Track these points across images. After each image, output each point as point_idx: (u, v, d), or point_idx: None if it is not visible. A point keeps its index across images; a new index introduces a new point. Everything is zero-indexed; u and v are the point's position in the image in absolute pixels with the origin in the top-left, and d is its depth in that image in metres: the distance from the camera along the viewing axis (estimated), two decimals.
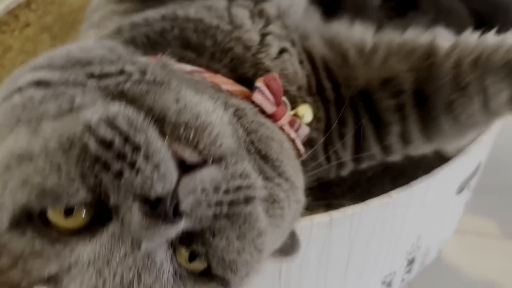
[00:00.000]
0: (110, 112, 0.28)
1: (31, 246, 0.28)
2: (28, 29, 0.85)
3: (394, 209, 0.50)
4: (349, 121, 0.47)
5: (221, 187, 0.29)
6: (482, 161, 0.62)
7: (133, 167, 0.27)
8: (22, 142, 0.29)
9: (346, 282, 0.55)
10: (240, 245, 0.31)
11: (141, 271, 0.28)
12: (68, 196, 0.27)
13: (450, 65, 0.45)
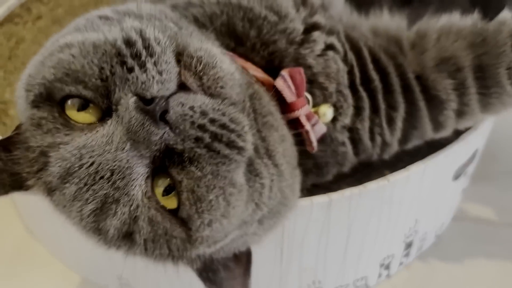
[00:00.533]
0: (143, 26, 0.35)
1: (42, 119, 0.36)
2: (40, 21, 0.87)
3: (391, 192, 0.53)
4: (399, 106, 0.49)
5: (208, 114, 0.34)
6: (479, 148, 0.63)
7: (142, 67, 0.33)
8: (68, 38, 0.37)
9: (345, 263, 0.58)
10: (212, 182, 0.34)
11: (115, 171, 0.34)
12: (85, 82, 0.34)
13: (506, 35, 0.48)
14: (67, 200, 0.36)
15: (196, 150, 0.34)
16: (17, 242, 0.70)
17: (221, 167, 0.35)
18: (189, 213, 0.35)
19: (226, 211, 0.36)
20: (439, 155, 0.54)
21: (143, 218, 0.35)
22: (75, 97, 0.35)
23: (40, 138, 0.35)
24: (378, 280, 0.64)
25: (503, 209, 0.74)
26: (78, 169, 0.34)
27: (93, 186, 0.34)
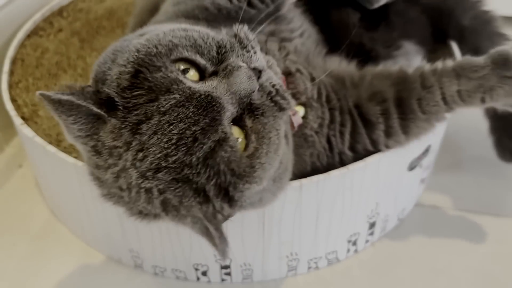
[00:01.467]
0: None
1: (161, 68, 0.47)
2: (60, 33, 0.99)
3: (351, 179, 0.65)
4: (347, 124, 0.64)
5: (276, 85, 0.50)
6: (432, 144, 0.75)
7: (255, 51, 0.50)
8: (185, 26, 0.53)
9: (317, 238, 0.70)
10: (271, 126, 0.49)
11: (217, 105, 0.46)
12: (203, 53, 0.49)
13: (417, 76, 0.63)
14: (170, 124, 0.45)
15: (266, 102, 0.49)
16: (43, 223, 0.82)
17: (277, 114, 0.49)
18: (255, 146, 0.48)
19: (277, 147, 0.49)
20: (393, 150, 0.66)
21: (230, 141, 0.46)
22: (187, 60, 0.48)
23: (159, 76, 0.46)
24: (347, 254, 0.76)
25: (460, 197, 0.86)
26: (198, 97, 0.46)
27: (207, 110, 0.46)
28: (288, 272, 0.73)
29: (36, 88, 0.85)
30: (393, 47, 0.83)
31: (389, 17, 0.82)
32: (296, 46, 0.68)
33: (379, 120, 0.62)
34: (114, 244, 0.74)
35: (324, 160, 0.64)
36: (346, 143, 0.64)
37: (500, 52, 0.62)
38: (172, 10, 0.68)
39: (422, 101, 0.62)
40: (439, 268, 0.75)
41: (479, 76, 0.61)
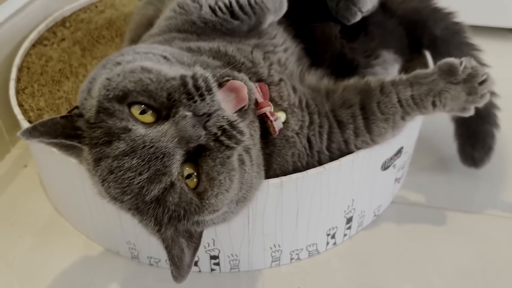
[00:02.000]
0: (205, 73, 0.55)
1: (117, 111, 0.53)
2: (63, 42, 1.05)
3: (328, 177, 0.72)
4: (325, 125, 0.71)
5: (225, 124, 0.53)
6: (405, 146, 0.82)
7: (203, 99, 0.53)
8: (146, 64, 0.56)
9: (297, 231, 0.77)
10: (220, 168, 0.54)
11: (166, 154, 0.51)
12: (154, 98, 0.53)
13: (378, 85, 0.72)
14: (120, 170, 0.52)
15: (211, 144, 0.53)
16: (47, 218, 0.89)
17: (226, 153, 0.54)
18: (205, 187, 0.54)
19: (229, 186, 0.55)
20: (365, 151, 0.73)
21: (176, 187, 0.53)
22: (142, 104, 0.53)
23: (112, 122, 0.53)
24: (326, 247, 0.83)
25: (433, 195, 0.93)
26: (141, 149, 0.51)
27: (150, 162, 0.52)
28: (272, 263, 0.80)
29: (41, 94, 0.91)
30: (372, 56, 0.90)
31: (368, 27, 0.90)
32: (280, 59, 0.75)
33: (349, 121, 0.70)
34: (113, 237, 0.81)
35: (304, 159, 0.71)
36: (324, 142, 0.71)
37: (446, 62, 0.71)
38: (164, 24, 0.75)
39: (381, 104, 0.70)
40: (410, 259, 0.82)
41: (428, 81, 0.70)
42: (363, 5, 0.81)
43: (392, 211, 0.90)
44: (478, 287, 0.77)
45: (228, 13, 0.73)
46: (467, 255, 0.82)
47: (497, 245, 0.84)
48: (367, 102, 0.70)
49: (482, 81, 0.71)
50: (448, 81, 0.70)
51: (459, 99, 0.71)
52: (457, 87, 0.70)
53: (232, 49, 0.69)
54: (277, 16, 0.77)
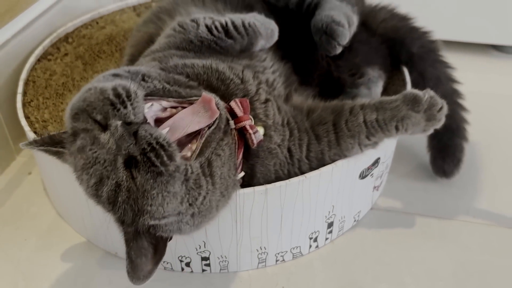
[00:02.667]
0: (128, 83, 0.62)
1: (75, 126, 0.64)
2: (66, 57, 1.12)
3: (309, 185, 0.79)
4: (304, 138, 0.78)
5: (153, 143, 0.59)
6: (381, 157, 0.89)
7: (124, 106, 0.59)
8: (92, 85, 0.65)
9: (282, 234, 0.84)
10: (153, 184, 0.59)
11: (107, 160, 0.60)
12: (95, 111, 0.61)
13: (349, 107, 0.80)
14: (78, 168, 0.63)
15: (139, 158, 0.59)
16: (50, 222, 0.95)
17: (155, 174, 0.59)
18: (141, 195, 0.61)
19: (161, 203, 0.61)
20: (343, 161, 0.80)
21: (123, 188, 0.60)
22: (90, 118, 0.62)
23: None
24: (309, 249, 0.90)
25: (410, 201, 1.00)
26: (88, 151, 0.61)
27: (95, 166, 0.61)
28: (259, 264, 0.87)
29: (45, 107, 0.98)
30: (357, 75, 0.98)
31: (352, 45, 0.97)
32: (268, 79, 0.83)
33: (324, 135, 0.78)
34: (111, 239, 0.87)
35: (286, 168, 0.78)
36: (303, 152, 0.78)
37: (412, 92, 0.79)
38: (164, 42, 0.82)
39: (348, 123, 0.78)
40: (387, 261, 0.89)
41: (392, 107, 0.78)
42: (342, 39, 0.88)
43: (371, 217, 0.97)
44: (447, 287, 0.84)
45: (223, 32, 0.81)
46: (439, 258, 0.89)
47: (467, 249, 0.91)
48: (338, 120, 0.78)
49: (439, 109, 0.79)
50: (410, 109, 0.78)
51: (419, 124, 0.79)
52: (418, 115, 0.78)
53: (223, 66, 0.77)
54: (267, 43, 0.86)
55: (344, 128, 0.78)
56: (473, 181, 1.05)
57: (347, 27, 0.89)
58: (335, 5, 0.92)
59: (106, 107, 0.60)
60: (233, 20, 0.83)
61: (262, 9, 0.99)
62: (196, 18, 0.83)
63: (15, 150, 1.10)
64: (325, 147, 0.78)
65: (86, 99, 0.63)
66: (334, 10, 0.90)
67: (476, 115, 1.06)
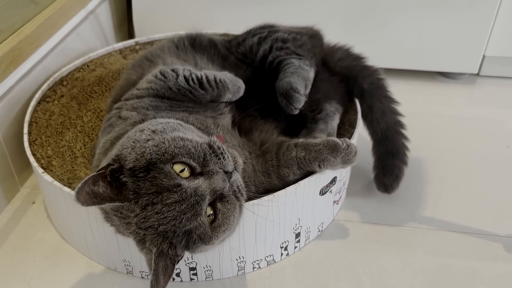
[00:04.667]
0: (216, 141, 0.79)
1: (162, 170, 0.73)
2: (62, 98, 1.27)
3: (277, 201, 0.95)
4: (259, 158, 0.97)
5: (240, 185, 0.79)
6: (338, 176, 1.06)
7: (225, 158, 0.77)
8: (179, 134, 0.79)
9: (257, 245, 0.99)
10: (232, 211, 0.78)
11: (199, 199, 0.73)
12: (193, 158, 0.75)
13: (287, 143, 0.98)
14: (167, 211, 0.72)
15: (231, 196, 0.78)
16: (55, 245, 1.09)
17: (237, 205, 0.79)
18: (219, 223, 0.77)
19: (233, 226, 0.80)
20: (305, 180, 0.97)
21: (201, 225, 0.74)
22: (184, 163, 0.74)
23: (161, 178, 0.72)
24: (281, 257, 1.06)
25: (365, 213, 1.17)
26: (189, 198, 0.72)
27: (192, 206, 0.72)
28: (239, 271, 1.02)
29: (48, 144, 1.13)
30: (317, 110, 1.15)
31: (315, 83, 1.15)
32: (224, 124, 1.01)
33: (269, 159, 0.97)
34: (111, 256, 1.01)
35: (252, 179, 0.95)
36: (260, 166, 0.97)
37: (333, 140, 0.96)
38: (146, 87, 0.98)
39: (284, 155, 0.96)
40: (346, 264, 1.05)
41: (316, 149, 0.95)
42: (297, 104, 1.05)
43: (333, 227, 1.14)
44: (397, 283, 1.01)
45: (198, 84, 0.98)
46: (390, 259, 1.06)
47: (414, 250, 1.08)
48: (278, 152, 0.97)
49: (354, 154, 0.97)
50: (329, 153, 0.95)
51: (336, 166, 0.97)
52: (335, 160, 0.95)
53: (192, 119, 0.93)
54: (234, 97, 1.04)
55: (282, 159, 0.96)
56: (419, 192, 1.23)
57: (303, 92, 1.07)
58: (295, 68, 1.10)
59: (207, 156, 0.75)
60: (207, 75, 1.00)
61: (235, 60, 1.17)
62: (176, 68, 1.00)
63: (19, 181, 1.23)
64: (270, 166, 0.97)
65: (184, 147, 0.75)
66: (293, 75, 1.08)
67: (424, 133, 1.24)
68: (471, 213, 1.18)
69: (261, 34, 1.19)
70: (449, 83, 1.70)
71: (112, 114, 0.98)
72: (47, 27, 1.29)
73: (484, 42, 1.59)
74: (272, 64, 1.13)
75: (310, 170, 0.97)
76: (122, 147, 0.78)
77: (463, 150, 1.38)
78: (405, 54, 1.64)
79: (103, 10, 1.63)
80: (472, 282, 1.01)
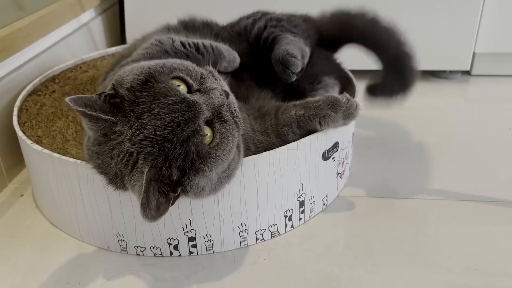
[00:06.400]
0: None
1: (162, 80, 0.72)
2: (54, 94, 1.24)
3: (278, 159, 0.90)
4: (257, 120, 0.95)
5: (237, 110, 0.78)
6: (340, 142, 1.02)
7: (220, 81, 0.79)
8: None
9: (259, 210, 0.93)
10: (230, 133, 0.74)
11: (197, 108, 0.71)
12: (191, 76, 0.75)
13: (285, 105, 0.96)
14: (165, 113, 0.69)
15: (229, 117, 0.75)
16: (43, 230, 1.01)
17: (235, 129, 0.76)
18: (217, 142, 0.73)
19: (231, 148, 0.75)
20: (306, 138, 0.93)
21: (199, 134, 0.70)
22: (181, 79, 0.74)
23: (160, 85, 0.72)
24: (286, 229, 0.99)
25: (371, 188, 1.12)
26: (186, 101, 0.70)
27: (190, 110, 0.70)
28: (241, 243, 0.95)
29: (38, 127, 1.09)
30: (315, 82, 1.14)
31: (312, 59, 1.14)
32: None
33: (268, 120, 0.95)
34: (104, 232, 0.94)
35: (251, 138, 0.92)
36: (258, 126, 0.95)
37: (333, 95, 0.94)
38: (141, 53, 0.96)
39: (283, 114, 0.94)
40: (356, 233, 0.98)
41: (315, 106, 0.93)
42: (294, 68, 1.03)
43: (338, 202, 1.08)
44: (412, 248, 0.94)
45: (194, 48, 0.96)
46: (402, 227, 1.00)
47: (426, 218, 1.02)
48: (277, 113, 0.95)
49: (355, 107, 0.95)
50: (330, 109, 0.93)
51: (337, 122, 0.94)
52: (337, 115, 0.93)
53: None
54: (230, 66, 1.03)
55: (280, 118, 0.94)
56: (425, 169, 1.19)
57: (300, 58, 1.05)
58: (290, 40, 1.10)
59: (205, 75, 0.76)
60: (203, 41, 1.00)
61: (229, 37, 1.16)
62: (171, 36, 1.00)
63: (8, 178, 1.18)
64: (268, 126, 0.94)
65: (184, 65, 0.76)
66: (289, 44, 1.08)
67: (425, 122, 1.24)
68: (481, 185, 1.13)
69: (255, 16, 1.20)
70: (443, 83, 1.70)
71: (106, 80, 0.95)
72: (39, 25, 1.29)
73: (473, 38, 1.61)
74: (267, 40, 1.13)
75: (311, 128, 0.93)
76: (119, 76, 0.75)
77: (466, 134, 1.36)
78: None
79: (96, 24, 1.65)
80: (493, 242, 0.94)
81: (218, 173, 0.76)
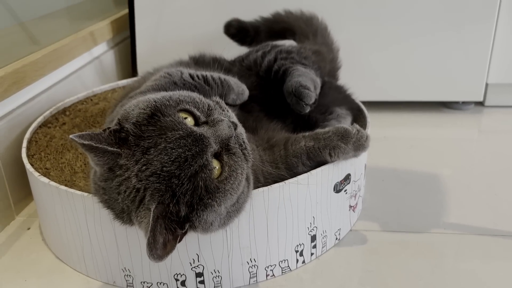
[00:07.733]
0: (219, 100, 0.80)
1: (169, 113, 0.71)
2: (64, 126, 1.24)
3: (288, 191, 0.88)
4: (265, 151, 0.94)
5: (246, 141, 0.75)
6: (352, 174, 1.00)
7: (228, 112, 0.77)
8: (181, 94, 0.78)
9: (269, 244, 0.90)
10: (239, 166, 0.73)
11: (204, 142, 0.69)
12: (199, 108, 0.75)
13: (294, 137, 0.95)
14: (172, 149, 0.67)
15: (238, 149, 0.73)
16: (49, 265, 0.99)
17: (244, 162, 0.74)
18: (226, 176, 0.71)
19: (240, 182, 0.73)
20: (317, 170, 0.91)
21: (207, 169, 0.69)
22: (188, 111, 0.73)
23: (166, 119, 0.70)
24: (297, 265, 0.96)
25: (386, 222, 1.09)
26: (194, 135, 0.69)
27: (197, 144, 0.69)
28: (250, 279, 0.92)
29: (47, 159, 1.08)
30: (327, 112, 1.13)
31: (324, 90, 1.13)
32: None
33: (277, 151, 0.93)
34: (110, 267, 0.92)
35: (260, 170, 0.90)
36: (267, 157, 0.93)
37: (342, 126, 0.93)
38: (150, 85, 0.96)
39: (293, 146, 0.92)
40: (370, 269, 0.95)
41: (325, 137, 0.92)
42: (308, 100, 1.03)
43: (351, 236, 1.05)
44: (428, 285, 0.90)
45: (203, 80, 0.96)
46: (418, 262, 0.96)
47: (443, 253, 0.98)
48: (286, 144, 0.93)
49: (365, 138, 0.94)
50: (340, 140, 0.91)
51: (348, 153, 0.92)
52: (347, 147, 0.91)
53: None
54: (238, 99, 1.02)
55: (290, 149, 0.92)
56: (440, 202, 1.16)
57: (313, 89, 1.05)
58: (302, 72, 1.10)
59: (212, 107, 0.75)
60: (211, 73, 1.00)
61: (238, 70, 1.16)
62: (180, 68, 1.00)
63: (15, 210, 1.17)
64: (278, 157, 0.92)
65: (191, 97, 0.75)
66: (301, 76, 1.07)
67: (438, 154, 1.21)
68: (498, 218, 1.09)
69: (264, 49, 1.20)
70: (456, 114, 1.68)
71: (114, 112, 0.95)
72: (52, 58, 1.31)
73: (485, 69, 1.60)
74: (278, 72, 1.12)
75: (321, 159, 0.91)
76: (125, 110, 0.74)
77: (481, 166, 1.33)
78: (407, 86, 1.64)
79: (108, 57, 1.67)
80: None
81: (227, 207, 0.74)
